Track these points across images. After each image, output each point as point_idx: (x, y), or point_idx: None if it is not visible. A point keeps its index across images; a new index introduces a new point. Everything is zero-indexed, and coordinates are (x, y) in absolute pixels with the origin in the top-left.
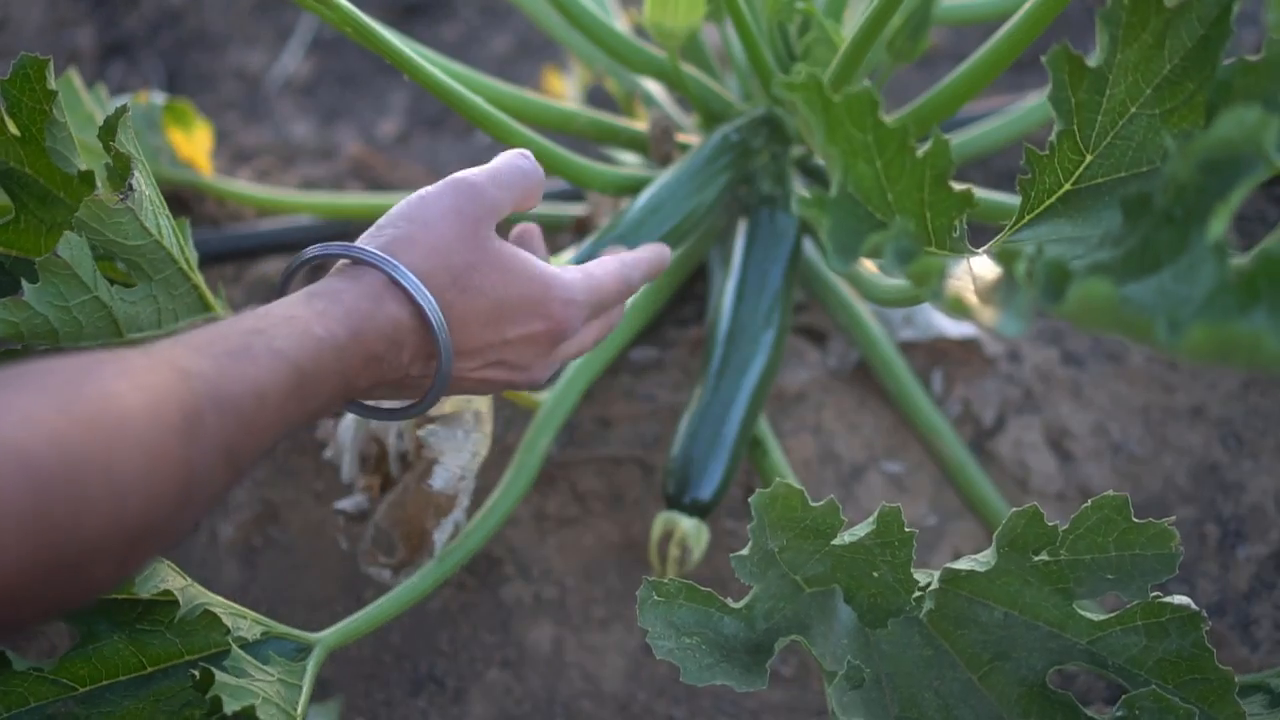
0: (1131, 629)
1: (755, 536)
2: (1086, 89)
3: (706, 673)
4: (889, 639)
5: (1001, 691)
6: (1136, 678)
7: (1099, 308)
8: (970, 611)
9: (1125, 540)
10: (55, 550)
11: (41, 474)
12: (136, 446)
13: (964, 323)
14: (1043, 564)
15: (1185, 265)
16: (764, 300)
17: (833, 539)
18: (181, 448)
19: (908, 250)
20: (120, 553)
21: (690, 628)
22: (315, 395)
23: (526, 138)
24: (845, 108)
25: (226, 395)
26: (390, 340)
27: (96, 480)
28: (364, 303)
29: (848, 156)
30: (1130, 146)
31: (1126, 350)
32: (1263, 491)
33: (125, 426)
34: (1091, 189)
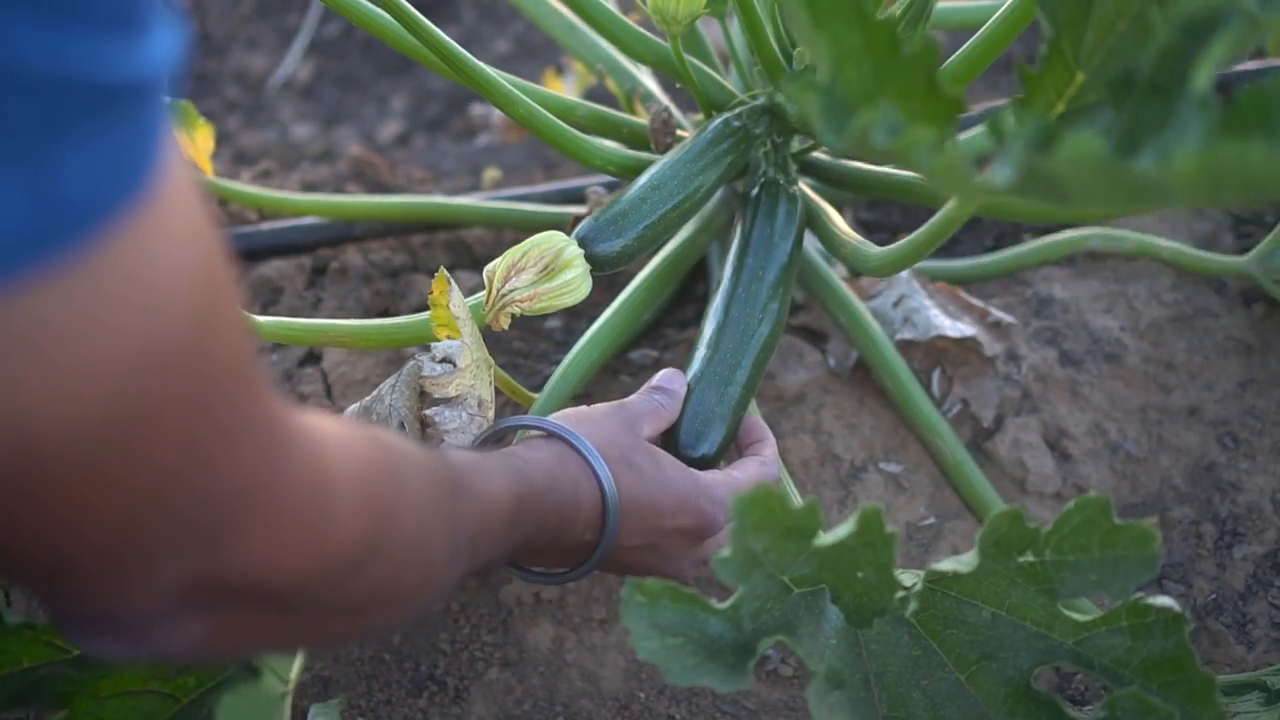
0: (1117, 629)
1: (736, 539)
2: (1074, 3)
3: (691, 673)
4: (877, 639)
5: (989, 691)
6: (1121, 678)
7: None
8: (958, 611)
9: (1108, 541)
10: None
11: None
12: (424, 484)
13: (962, 323)
14: (1028, 564)
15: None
16: (769, 272)
17: (814, 540)
18: (448, 506)
19: (897, 124)
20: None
21: (675, 629)
22: (520, 528)
23: (535, 113)
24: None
25: (474, 489)
26: (574, 503)
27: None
28: (555, 467)
29: (836, 58)
30: (1122, 64)
31: (1124, 351)
32: (1259, 491)
33: (416, 467)
34: (1084, 110)
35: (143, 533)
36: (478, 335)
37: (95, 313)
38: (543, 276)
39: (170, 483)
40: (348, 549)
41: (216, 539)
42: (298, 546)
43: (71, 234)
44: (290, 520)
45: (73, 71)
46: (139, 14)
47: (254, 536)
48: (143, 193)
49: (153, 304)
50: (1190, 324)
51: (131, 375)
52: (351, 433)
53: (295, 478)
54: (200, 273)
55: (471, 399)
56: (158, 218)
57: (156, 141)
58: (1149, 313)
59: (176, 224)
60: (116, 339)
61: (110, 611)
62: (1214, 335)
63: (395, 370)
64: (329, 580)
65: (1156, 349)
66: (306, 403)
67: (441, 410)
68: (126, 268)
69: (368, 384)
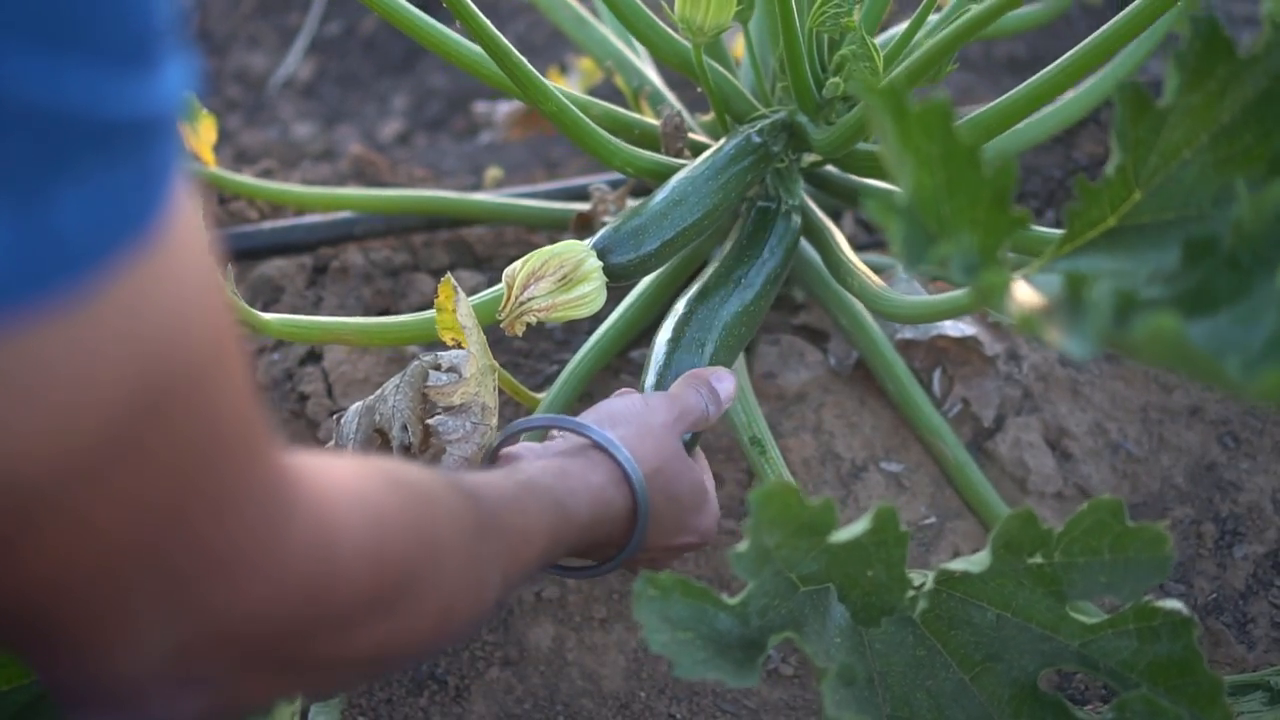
0: (1123, 632)
1: (753, 533)
2: (1147, 127)
3: (700, 667)
4: (882, 638)
5: (993, 692)
6: (1128, 680)
7: (1165, 341)
8: (963, 612)
9: (1119, 544)
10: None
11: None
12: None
13: (963, 322)
14: (1036, 566)
15: (1245, 309)
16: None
17: (828, 537)
18: (475, 545)
19: (974, 264)
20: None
21: (685, 623)
22: (554, 556)
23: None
24: (919, 118)
25: (506, 526)
26: (609, 525)
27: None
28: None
29: (917, 167)
30: (1180, 189)
31: None
32: (1260, 491)
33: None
34: (1136, 227)
35: (131, 589)
36: (483, 342)
37: (89, 356)
38: (561, 287)
39: (162, 538)
40: (352, 608)
41: (211, 599)
42: (298, 607)
43: (66, 274)
44: (291, 580)
45: (72, 104)
46: (149, 46)
47: (251, 596)
48: (146, 235)
49: (150, 351)
50: None
51: (125, 423)
52: (368, 479)
53: (297, 537)
54: (203, 322)
55: (476, 407)
56: (160, 262)
57: (163, 182)
58: None
59: (180, 270)
60: (110, 385)
61: (102, 679)
62: None
63: (396, 369)
64: (334, 639)
65: None
66: (307, 402)
67: (445, 420)
68: (124, 312)
69: (369, 383)
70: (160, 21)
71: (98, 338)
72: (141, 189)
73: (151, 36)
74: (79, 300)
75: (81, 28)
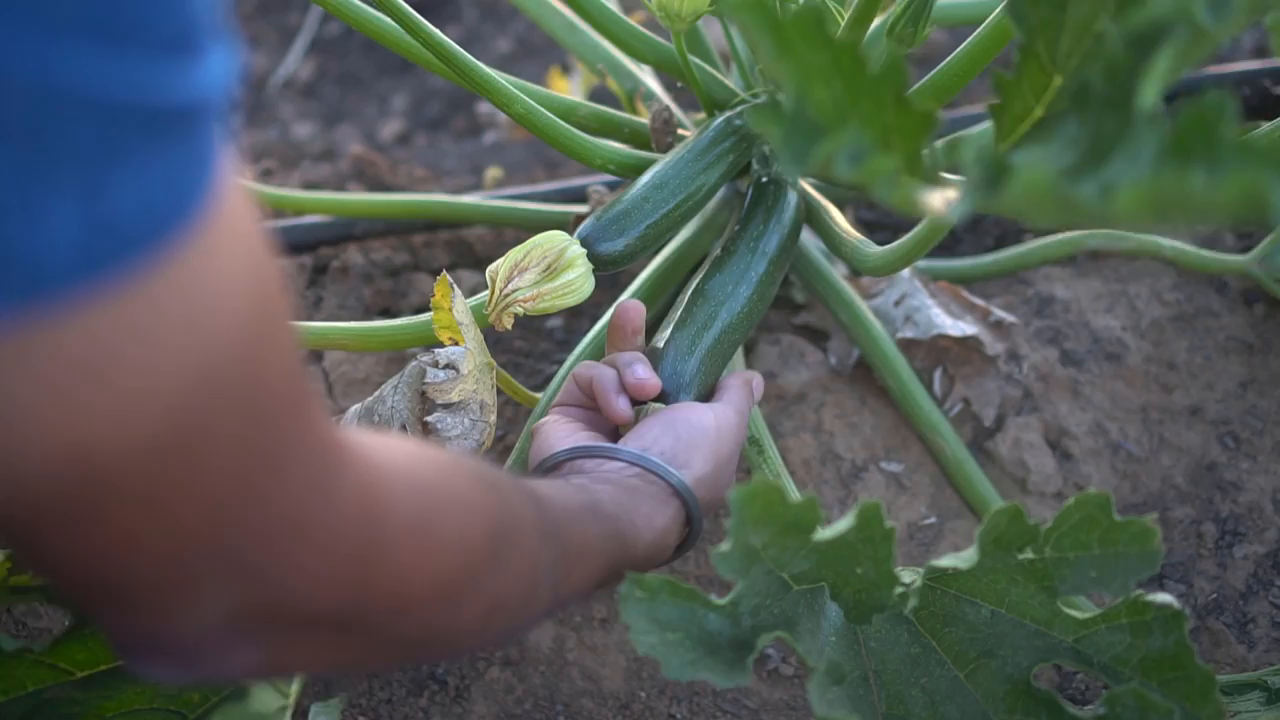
0: (1116, 627)
1: (736, 533)
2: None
3: (689, 668)
4: (877, 636)
5: (988, 689)
6: (1121, 675)
7: (1038, 193)
8: (958, 609)
9: (1108, 538)
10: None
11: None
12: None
13: (964, 322)
14: (1028, 562)
15: (1128, 147)
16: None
17: (813, 535)
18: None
19: (860, 152)
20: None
21: (674, 623)
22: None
23: (533, 110)
24: (794, 26)
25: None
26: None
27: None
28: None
29: (802, 79)
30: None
31: (1125, 350)
32: (1260, 491)
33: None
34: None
35: (192, 559)
36: (480, 339)
37: (150, 334)
38: (545, 276)
39: (221, 509)
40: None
41: (265, 567)
42: (345, 574)
43: (125, 256)
44: (338, 547)
45: (128, 94)
46: (195, 35)
47: (303, 565)
48: (197, 216)
49: (207, 326)
50: (1191, 324)
51: (184, 396)
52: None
53: (344, 503)
54: (254, 297)
55: (474, 404)
56: (212, 241)
57: (212, 164)
58: (1150, 312)
59: (231, 247)
60: (171, 361)
61: (162, 637)
62: (1215, 335)
63: (396, 370)
64: (379, 612)
65: (1158, 348)
66: None
67: (444, 416)
68: (180, 290)
69: (369, 383)
70: (204, 11)
71: (159, 316)
72: (191, 172)
73: (198, 25)
74: (140, 281)
75: (133, 21)
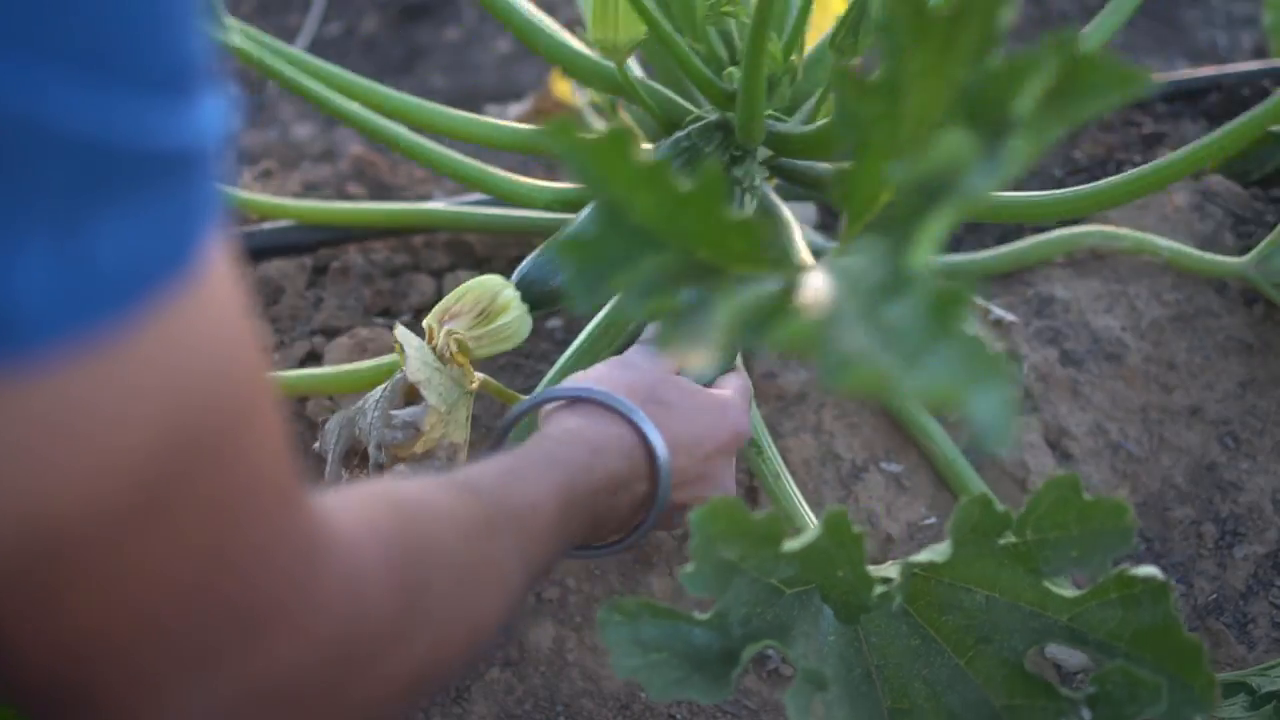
0: (1107, 603)
1: (702, 552)
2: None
3: (675, 687)
4: (877, 632)
5: (988, 675)
6: (1115, 651)
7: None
8: (953, 597)
9: (1084, 516)
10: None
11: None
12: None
13: None
14: (1011, 546)
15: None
16: None
17: (781, 546)
18: (488, 546)
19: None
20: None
21: (658, 643)
22: (574, 514)
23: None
24: (595, 150)
25: (511, 507)
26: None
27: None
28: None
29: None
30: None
31: (1125, 350)
32: (1260, 491)
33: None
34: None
35: (167, 646)
36: (446, 383)
37: (126, 396)
38: (479, 321)
39: (199, 590)
40: (382, 641)
41: (250, 656)
42: (334, 651)
43: (104, 309)
44: (327, 627)
45: (112, 135)
46: (189, 78)
47: (291, 648)
48: (184, 271)
49: (189, 390)
50: (1191, 324)
51: (163, 466)
52: (373, 505)
53: (331, 582)
54: (240, 362)
55: (442, 450)
56: (199, 300)
57: (202, 218)
58: (1150, 313)
59: (218, 308)
60: (147, 426)
61: None
62: (1215, 335)
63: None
64: (371, 675)
65: (1157, 349)
66: (307, 402)
67: (406, 470)
68: (163, 349)
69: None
70: (199, 54)
71: (136, 376)
72: (180, 224)
73: (190, 69)
74: (117, 337)
75: (120, 58)
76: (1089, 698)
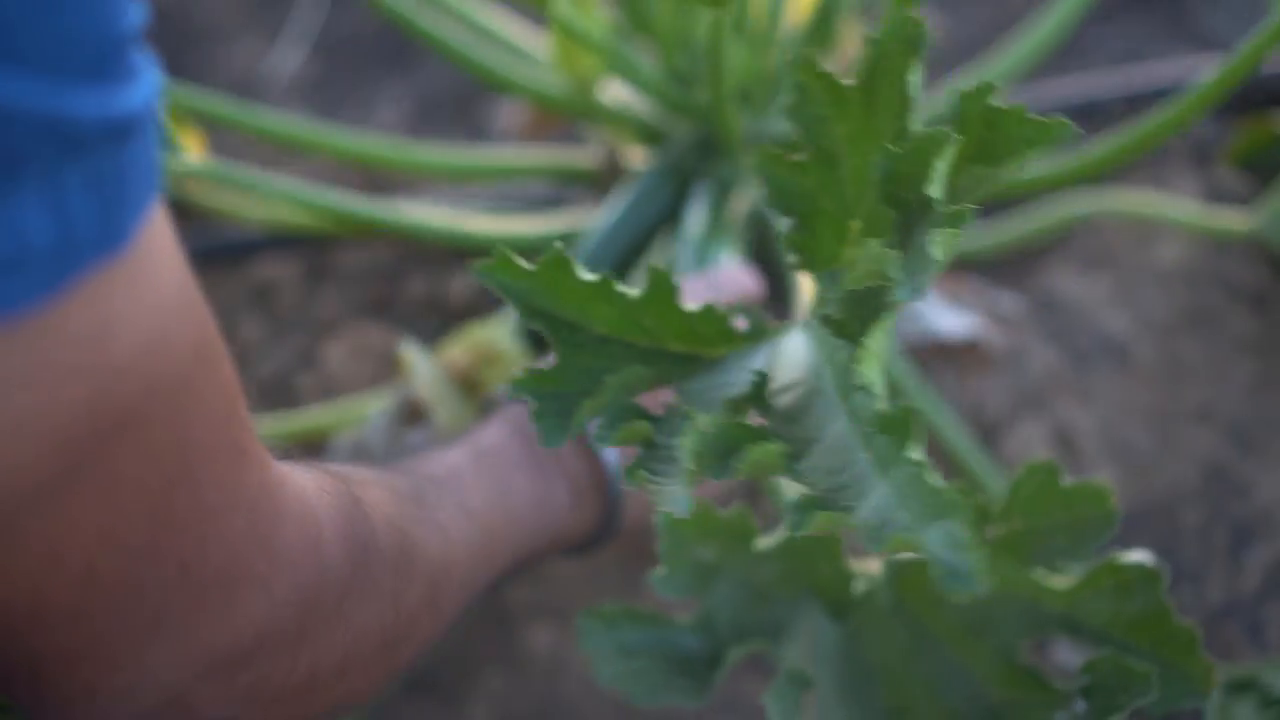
0: (1101, 591)
1: (674, 554)
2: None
3: (658, 693)
4: (871, 629)
5: (984, 669)
6: (1111, 640)
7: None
8: None
9: (1068, 502)
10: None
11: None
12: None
13: (966, 317)
14: (1000, 538)
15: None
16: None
17: (753, 544)
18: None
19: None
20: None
21: (640, 648)
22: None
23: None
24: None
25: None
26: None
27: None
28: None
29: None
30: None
31: (1134, 350)
32: (1272, 493)
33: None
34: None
35: (114, 625)
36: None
37: (49, 372)
38: (484, 364)
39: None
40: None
41: (204, 628)
42: (296, 605)
43: (29, 284)
44: (288, 580)
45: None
46: (113, 55)
47: (249, 615)
48: (114, 246)
49: (119, 367)
50: (1201, 323)
51: (89, 445)
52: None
53: (289, 539)
54: (178, 335)
55: None
56: (132, 273)
57: (134, 191)
58: (1159, 312)
59: (154, 281)
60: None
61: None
62: (1225, 335)
63: (396, 370)
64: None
65: (1167, 348)
66: (303, 403)
67: None
68: (91, 326)
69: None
70: (124, 28)
71: (62, 352)
72: (110, 199)
73: (115, 43)
74: (42, 313)
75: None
76: (1083, 689)
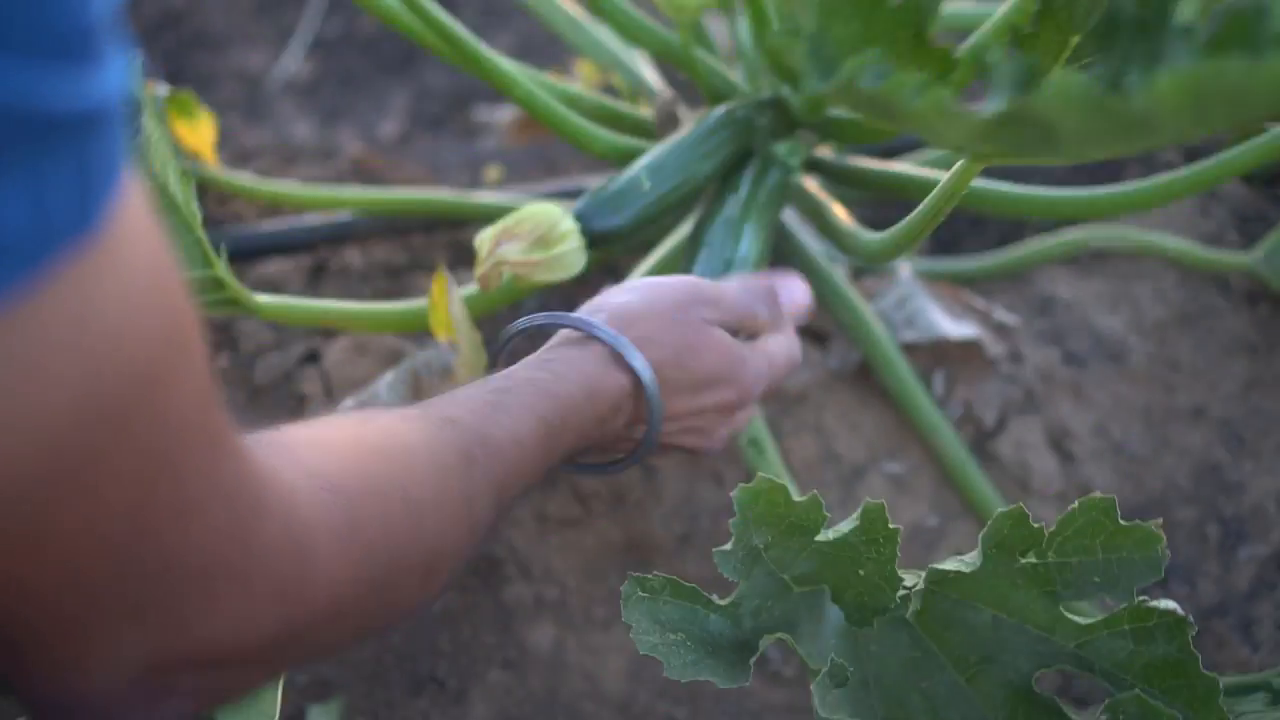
0: (1118, 633)
1: (739, 532)
2: None
3: (691, 669)
4: (877, 640)
5: (988, 694)
6: (1123, 682)
7: (1074, 95)
8: (958, 613)
9: (1112, 543)
10: (368, 568)
11: (349, 495)
12: (426, 473)
13: (965, 324)
14: (1030, 566)
15: (1161, 61)
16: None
17: (816, 535)
18: (460, 480)
19: (885, 69)
20: (421, 572)
21: (676, 624)
22: (557, 448)
23: (534, 95)
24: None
25: (490, 439)
26: (615, 407)
27: (396, 502)
28: (595, 371)
29: (824, 14)
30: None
31: (1128, 351)
32: (1264, 492)
33: (413, 457)
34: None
35: (98, 602)
36: (475, 339)
37: (29, 362)
38: (536, 246)
39: (127, 549)
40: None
41: (182, 611)
42: (275, 608)
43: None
44: (265, 584)
45: (10, 97)
46: (83, 42)
47: (224, 604)
48: (89, 232)
49: (100, 353)
50: (1195, 324)
51: (74, 433)
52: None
53: (269, 537)
54: (157, 320)
55: None
56: (108, 259)
57: (106, 178)
58: (1153, 312)
59: (130, 266)
60: (55, 392)
61: (74, 691)
62: (1219, 335)
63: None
64: (315, 631)
65: (1160, 349)
66: (306, 403)
67: None
68: (69, 313)
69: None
70: (94, 16)
71: (40, 342)
72: (82, 185)
73: (85, 30)
74: (20, 302)
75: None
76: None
